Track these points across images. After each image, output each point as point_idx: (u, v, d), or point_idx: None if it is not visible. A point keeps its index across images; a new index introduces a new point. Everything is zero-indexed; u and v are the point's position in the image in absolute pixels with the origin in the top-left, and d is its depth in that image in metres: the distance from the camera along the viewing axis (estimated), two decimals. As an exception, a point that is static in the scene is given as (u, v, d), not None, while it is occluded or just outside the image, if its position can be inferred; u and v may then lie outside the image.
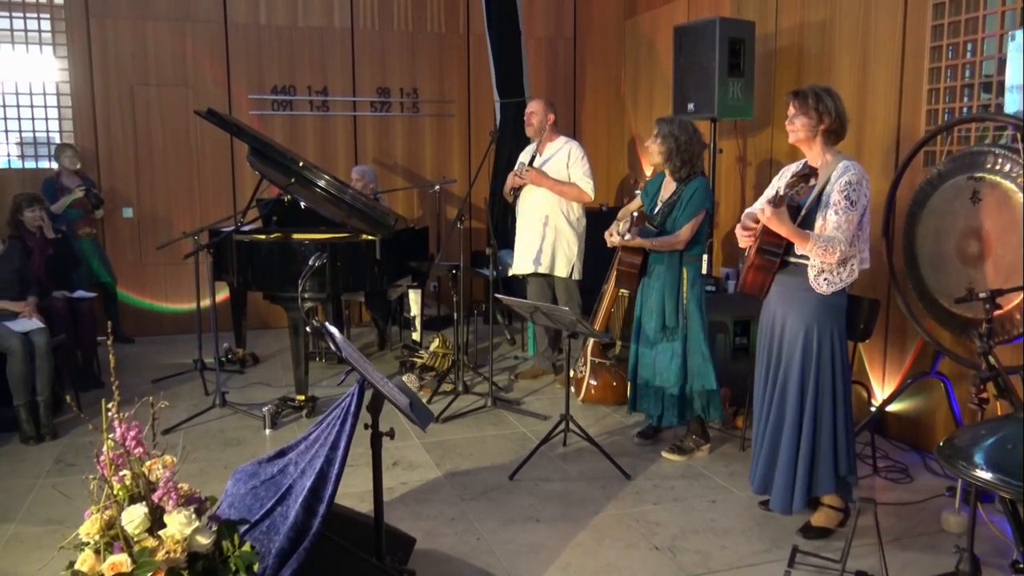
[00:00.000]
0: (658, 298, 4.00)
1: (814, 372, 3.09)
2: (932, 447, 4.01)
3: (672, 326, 3.97)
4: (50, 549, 3.04)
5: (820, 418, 3.11)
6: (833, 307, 3.10)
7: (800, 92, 3.08)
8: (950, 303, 3.61)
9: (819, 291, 3.04)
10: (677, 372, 3.98)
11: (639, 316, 4.14)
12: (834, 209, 2.95)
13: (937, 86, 4.02)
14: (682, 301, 3.96)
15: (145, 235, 6.75)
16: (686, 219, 3.91)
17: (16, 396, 4.30)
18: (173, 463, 2.31)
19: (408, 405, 2.42)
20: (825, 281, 3.03)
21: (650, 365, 4.07)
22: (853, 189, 2.94)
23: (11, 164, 6.65)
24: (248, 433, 4.45)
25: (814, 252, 2.95)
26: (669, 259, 3.97)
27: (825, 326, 3.08)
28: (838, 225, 2.94)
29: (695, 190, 3.92)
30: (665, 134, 3.94)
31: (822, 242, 2.92)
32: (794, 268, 3.11)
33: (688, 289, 3.96)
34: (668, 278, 3.97)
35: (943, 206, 3.65)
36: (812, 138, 3.06)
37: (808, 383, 3.10)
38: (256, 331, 6.69)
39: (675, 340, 3.98)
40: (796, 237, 2.96)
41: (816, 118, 3.03)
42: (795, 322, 3.11)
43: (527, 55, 6.90)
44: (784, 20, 5.01)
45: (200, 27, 6.73)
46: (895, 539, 3.18)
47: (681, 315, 3.96)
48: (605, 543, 3.20)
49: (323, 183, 5.15)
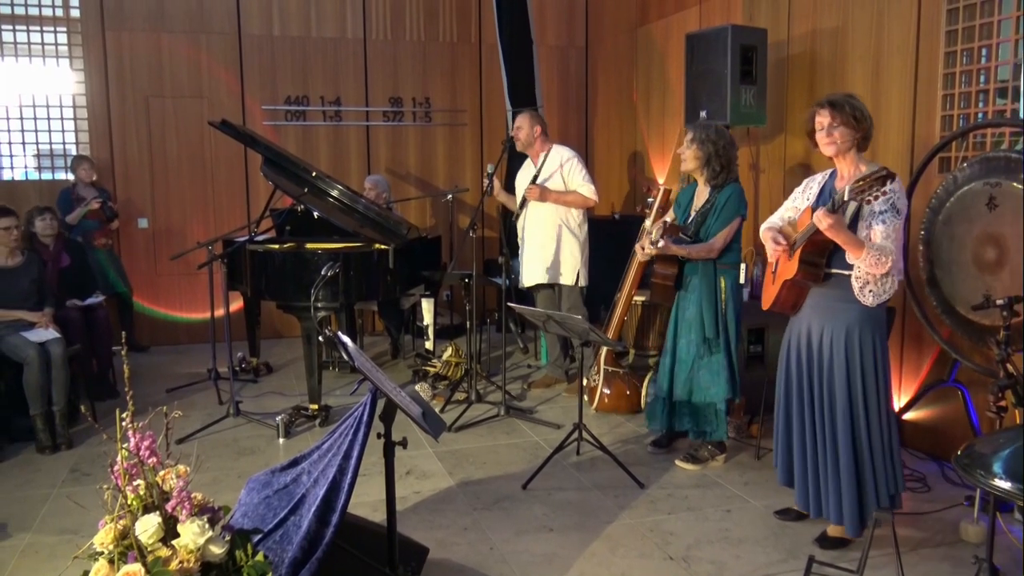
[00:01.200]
0: (695, 310, 3.91)
1: (861, 386, 3.00)
2: (950, 456, 3.94)
3: (712, 337, 3.87)
4: (65, 558, 3.06)
5: (871, 432, 3.02)
6: (875, 318, 3.02)
7: (835, 101, 2.98)
8: (967, 310, 3.57)
9: (864, 303, 2.96)
10: (726, 385, 3.87)
11: (673, 331, 4.03)
12: (881, 218, 2.86)
13: (952, 92, 3.99)
14: (720, 311, 3.88)
15: (160, 245, 6.80)
16: (720, 226, 3.83)
17: (32, 406, 4.33)
18: (187, 473, 2.32)
19: (421, 415, 2.42)
20: (871, 293, 2.95)
21: (687, 382, 3.96)
22: (898, 197, 2.88)
23: (28, 176, 6.72)
24: (262, 442, 4.46)
25: (867, 262, 2.85)
26: (704, 269, 3.88)
27: (867, 333, 3.00)
28: (887, 235, 2.85)
29: (729, 196, 3.85)
30: (702, 139, 3.86)
31: (875, 251, 2.83)
32: (834, 280, 3.02)
33: (728, 299, 3.88)
34: (704, 288, 3.88)
35: (959, 212, 3.62)
36: (850, 148, 2.99)
37: (856, 397, 3.01)
38: (270, 340, 6.72)
39: (719, 352, 3.87)
40: (852, 246, 2.85)
41: (856, 125, 2.96)
42: (837, 332, 3.01)
43: (539, 64, 6.92)
44: (796, 27, 5.00)
45: (214, 39, 6.79)
46: (913, 549, 3.15)
47: (722, 326, 3.88)
48: (619, 553, 3.18)
49: (336, 193, 5.18)
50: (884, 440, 3.04)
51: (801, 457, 3.18)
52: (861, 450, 3.03)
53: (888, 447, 3.05)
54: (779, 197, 5.03)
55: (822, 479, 3.11)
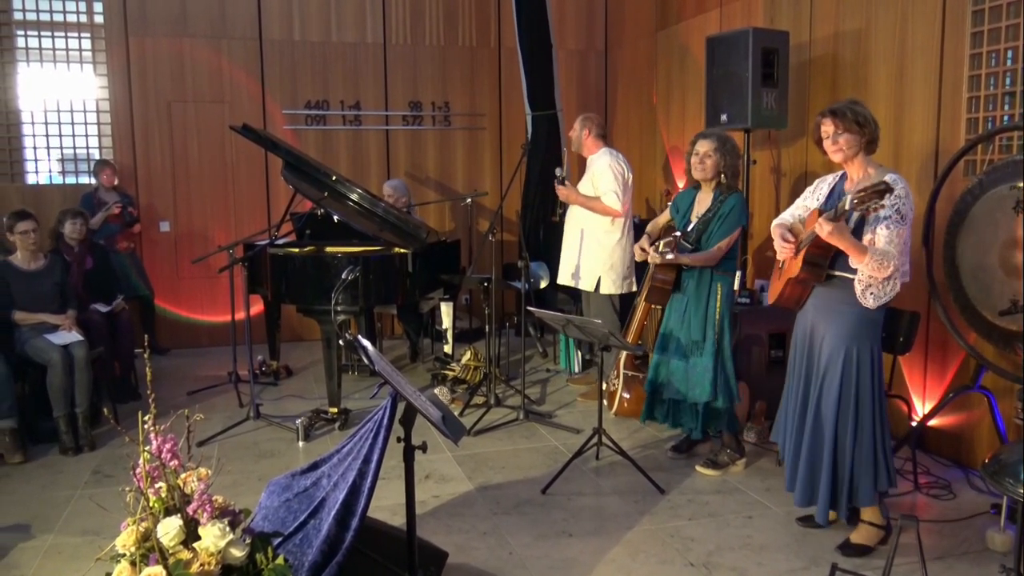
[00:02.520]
0: (689, 312, 3.96)
1: (854, 387, 3.06)
2: (975, 463, 3.92)
3: (698, 340, 3.93)
4: (87, 560, 3.08)
5: (861, 431, 3.07)
6: (872, 322, 3.07)
7: (836, 110, 3.03)
8: (993, 315, 3.53)
9: (866, 305, 3.00)
10: (710, 386, 3.92)
11: (665, 329, 4.10)
12: (885, 224, 2.90)
13: (977, 94, 3.94)
14: (714, 316, 3.92)
15: (182, 249, 6.85)
16: (722, 235, 3.86)
17: (56, 408, 4.38)
18: (208, 476, 2.33)
19: (440, 419, 2.41)
20: (872, 296, 2.99)
21: (683, 379, 4.01)
22: (903, 203, 2.91)
23: (52, 180, 6.80)
24: (281, 445, 4.48)
25: (869, 266, 2.90)
26: (700, 274, 3.94)
27: (864, 341, 3.06)
28: (890, 239, 2.90)
29: (733, 206, 3.87)
30: (727, 150, 3.89)
31: (878, 256, 2.88)
32: (836, 281, 3.07)
33: (721, 305, 3.91)
34: (696, 292, 3.94)
35: (985, 216, 3.57)
36: (857, 153, 3.04)
37: (849, 398, 3.07)
38: (290, 344, 6.75)
39: (704, 354, 3.93)
40: (855, 251, 2.90)
41: (859, 131, 3.00)
42: (835, 337, 3.08)
43: (558, 68, 6.92)
44: (818, 30, 4.96)
45: (236, 44, 6.84)
46: (938, 558, 3.10)
47: (712, 329, 3.91)
48: (639, 559, 3.16)
49: (356, 197, 5.19)
50: (873, 438, 3.08)
51: (794, 449, 3.24)
52: (843, 445, 3.08)
53: (878, 445, 3.09)
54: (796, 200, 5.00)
55: (814, 472, 3.16)
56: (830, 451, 3.09)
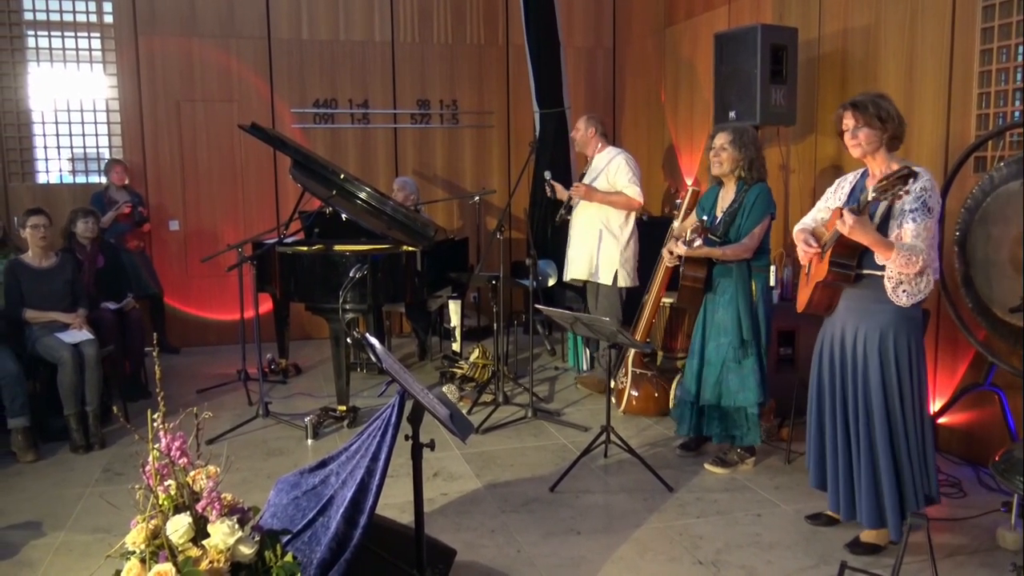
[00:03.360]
0: (728, 313, 3.85)
1: (896, 387, 2.95)
2: (986, 461, 3.89)
3: (749, 339, 3.82)
4: (98, 557, 3.09)
5: (908, 434, 2.97)
6: (912, 319, 2.97)
7: (858, 103, 2.95)
8: (1004, 312, 3.50)
9: (898, 303, 2.91)
10: (757, 389, 3.82)
11: (701, 334, 3.99)
12: (912, 217, 2.82)
13: (988, 90, 3.92)
14: (756, 313, 3.84)
15: (191, 247, 6.88)
16: (751, 224, 3.77)
17: (66, 406, 4.40)
18: (217, 473, 2.34)
19: (448, 417, 2.42)
20: (905, 293, 2.90)
21: (716, 385, 3.91)
22: (929, 195, 2.83)
23: (63, 179, 6.83)
24: (290, 443, 4.49)
25: (897, 262, 2.80)
26: (738, 270, 3.83)
27: (902, 337, 2.95)
28: (917, 233, 2.81)
29: (758, 194, 3.80)
30: (744, 143, 3.81)
31: (905, 251, 2.78)
32: (867, 281, 2.97)
33: (759, 302, 3.84)
34: (740, 291, 3.83)
35: (996, 212, 3.55)
36: (878, 149, 2.96)
37: (893, 399, 2.96)
38: (298, 342, 6.77)
39: (751, 356, 3.83)
40: (880, 246, 2.81)
41: (881, 126, 2.92)
42: (871, 330, 2.97)
43: (566, 65, 6.91)
44: (827, 26, 4.94)
45: (244, 43, 6.86)
46: (948, 556, 3.09)
47: (760, 327, 3.84)
48: (647, 557, 3.15)
49: (364, 195, 5.20)
50: (918, 442, 2.99)
51: (834, 459, 3.13)
52: (899, 452, 2.97)
53: (922, 449, 3.00)
54: (809, 198, 4.98)
55: (856, 482, 3.06)
56: (888, 459, 2.95)
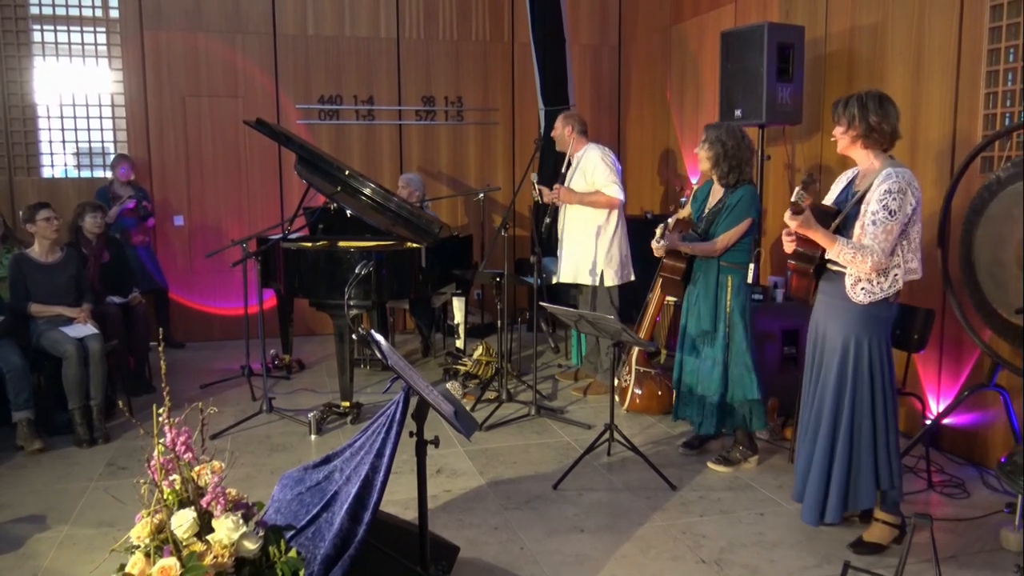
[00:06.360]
0: (697, 304, 3.99)
1: (851, 384, 3.01)
2: (990, 462, 3.89)
3: (708, 331, 3.93)
4: (102, 551, 3.10)
5: (859, 430, 3.02)
6: (874, 318, 2.99)
7: (838, 100, 3.03)
8: (1010, 313, 3.49)
9: (856, 301, 2.96)
10: (718, 381, 3.93)
11: (684, 323, 4.11)
12: (872, 219, 2.88)
13: (995, 90, 3.91)
14: (724, 308, 3.91)
15: (196, 243, 6.89)
16: (727, 226, 3.87)
17: (71, 400, 4.41)
18: (221, 468, 2.34)
19: (453, 413, 2.42)
20: (863, 291, 2.95)
21: (693, 372, 4.04)
22: (893, 198, 2.85)
23: (68, 174, 6.84)
24: (294, 439, 4.49)
25: (843, 258, 2.90)
26: (707, 265, 3.96)
27: (864, 337, 2.99)
28: (874, 235, 2.87)
29: (740, 198, 3.88)
30: (712, 140, 3.91)
31: (850, 248, 2.87)
32: (833, 275, 3.05)
33: (732, 297, 3.91)
34: (705, 284, 3.96)
35: (1002, 213, 3.54)
36: (851, 145, 3.02)
37: (844, 395, 3.02)
38: (302, 338, 6.78)
39: (715, 347, 3.94)
40: (825, 240, 2.92)
41: (845, 125, 2.99)
42: (834, 333, 3.05)
43: (572, 62, 6.90)
44: (834, 24, 4.93)
45: (250, 39, 6.86)
46: (951, 556, 3.08)
47: (723, 323, 3.91)
48: (650, 555, 3.15)
49: (368, 191, 5.20)
50: (875, 438, 3.02)
51: (800, 447, 3.23)
52: (843, 447, 3.03)
53: (879, 444, 3.03)
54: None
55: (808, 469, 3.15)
56: (824, 450, 3.05)
